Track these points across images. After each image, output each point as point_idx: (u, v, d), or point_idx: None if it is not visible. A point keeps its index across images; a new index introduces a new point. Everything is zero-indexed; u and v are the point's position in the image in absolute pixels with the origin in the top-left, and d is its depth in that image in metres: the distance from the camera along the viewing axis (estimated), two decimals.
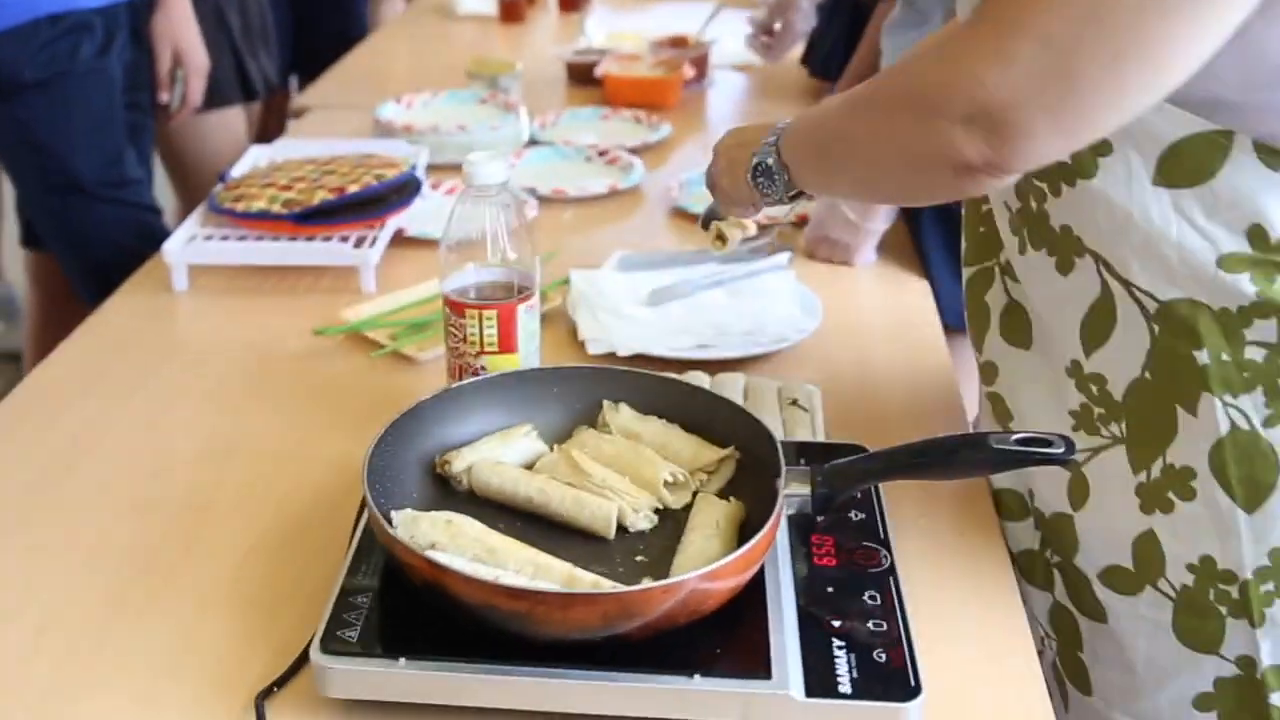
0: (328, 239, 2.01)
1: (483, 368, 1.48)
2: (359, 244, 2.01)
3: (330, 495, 1.44)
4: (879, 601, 1.21)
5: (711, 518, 1.27)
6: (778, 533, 1.23)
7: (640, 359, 1.73)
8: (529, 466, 1.36)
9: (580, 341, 1.78)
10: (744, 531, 1.26)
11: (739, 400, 1.51)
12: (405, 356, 1.76)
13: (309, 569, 1.32)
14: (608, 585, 1.14)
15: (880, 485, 1.38)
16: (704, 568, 1.11)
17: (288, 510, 1.42)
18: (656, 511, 1.32)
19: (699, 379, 1.62)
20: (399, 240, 2.11)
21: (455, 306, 1.47)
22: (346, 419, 1.60)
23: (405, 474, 1.32)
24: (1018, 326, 1.31)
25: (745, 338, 1.78)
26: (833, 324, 1.87)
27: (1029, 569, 1.37)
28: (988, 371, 1.38)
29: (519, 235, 1.46)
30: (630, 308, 1.87)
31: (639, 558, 1.25)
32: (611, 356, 1.76)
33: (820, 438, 1.53)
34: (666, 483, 1.33)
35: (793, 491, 1.26)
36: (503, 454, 1.37)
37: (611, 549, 1.27)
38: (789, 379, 1.67)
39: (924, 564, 1.34)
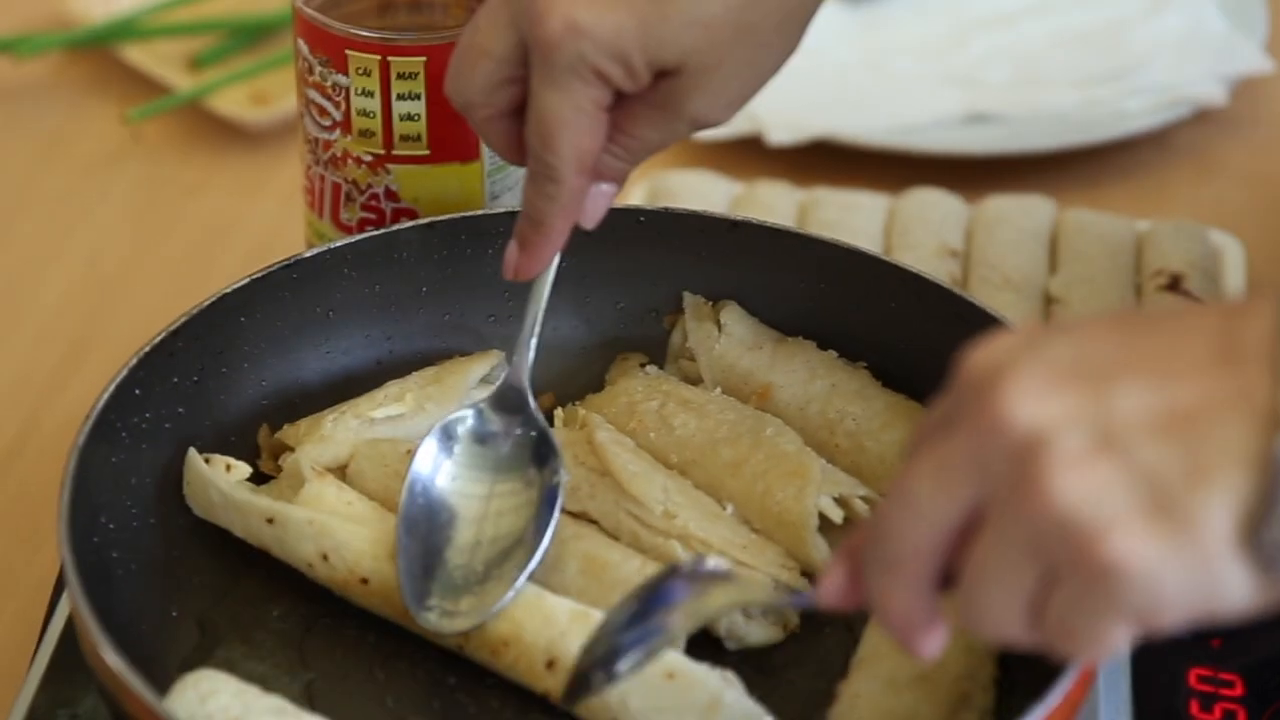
0: None
1: (387, 197, 0.86)
2: None
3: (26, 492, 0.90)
4: None
5: None
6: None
7: (820, 157, 1.02)
8: None
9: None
10: (1008, 673, 0.69)
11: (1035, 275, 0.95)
12: (217, 120, 1.03)
13: None
14: None
15: None
16: None
17: None
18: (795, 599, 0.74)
19: (934, 209, 0.98)
20: None
21: (322, 38, 0.83)
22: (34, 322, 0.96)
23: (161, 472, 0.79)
24: None
25: (1085, 91, 1.06)
26: None
27: None
28: None
29: None
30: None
31: None
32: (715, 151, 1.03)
33: None
34: (824, 519, 0.76)
35: None
36: (422, 427, 0.82)
37: None
38: (1170, 215, 0.95)
39: None
